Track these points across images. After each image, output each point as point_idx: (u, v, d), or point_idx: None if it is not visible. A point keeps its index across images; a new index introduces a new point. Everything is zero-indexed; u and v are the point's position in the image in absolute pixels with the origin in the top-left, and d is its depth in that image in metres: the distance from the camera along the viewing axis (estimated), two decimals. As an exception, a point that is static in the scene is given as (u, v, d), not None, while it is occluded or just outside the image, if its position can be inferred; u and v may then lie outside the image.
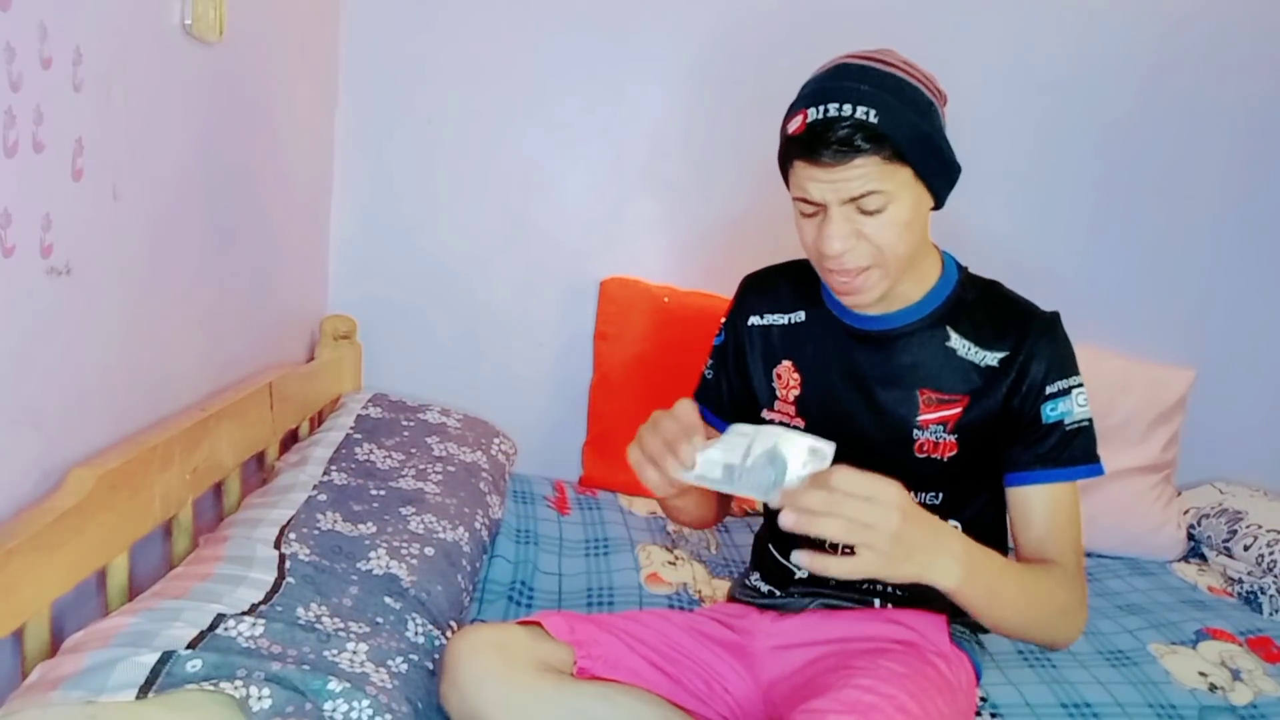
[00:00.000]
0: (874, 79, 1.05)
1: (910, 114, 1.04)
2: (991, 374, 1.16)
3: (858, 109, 1.02)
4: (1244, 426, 2.27)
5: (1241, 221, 2.21)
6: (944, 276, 1.21)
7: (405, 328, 2.13)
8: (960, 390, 1.17)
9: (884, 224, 1.07)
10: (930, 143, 1.07)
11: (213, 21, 1.37)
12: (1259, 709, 1.45)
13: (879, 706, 1.00)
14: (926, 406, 1.18)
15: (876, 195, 1.05)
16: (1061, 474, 1.16)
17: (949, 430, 1.17)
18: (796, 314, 1.27)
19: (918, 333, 1.19)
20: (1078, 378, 1.17)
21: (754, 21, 2.05)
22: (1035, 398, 1.16)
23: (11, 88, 0.96)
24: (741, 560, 1.82)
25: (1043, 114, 2.11)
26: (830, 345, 1.23)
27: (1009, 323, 1.17)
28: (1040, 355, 1.15)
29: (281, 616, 1.09)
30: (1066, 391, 1.16)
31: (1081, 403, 1.16)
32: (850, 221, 1.07)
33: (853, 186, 1.04)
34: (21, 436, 1.05)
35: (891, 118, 1.03)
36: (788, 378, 1.26)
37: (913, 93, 1.06)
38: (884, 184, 1.05)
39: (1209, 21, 2.11)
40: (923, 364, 1.18)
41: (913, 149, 1.05)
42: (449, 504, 1.54)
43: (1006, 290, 1.23)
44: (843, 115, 1.02)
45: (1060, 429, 1.15)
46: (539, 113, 2.07)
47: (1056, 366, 1.16)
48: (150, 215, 1.28)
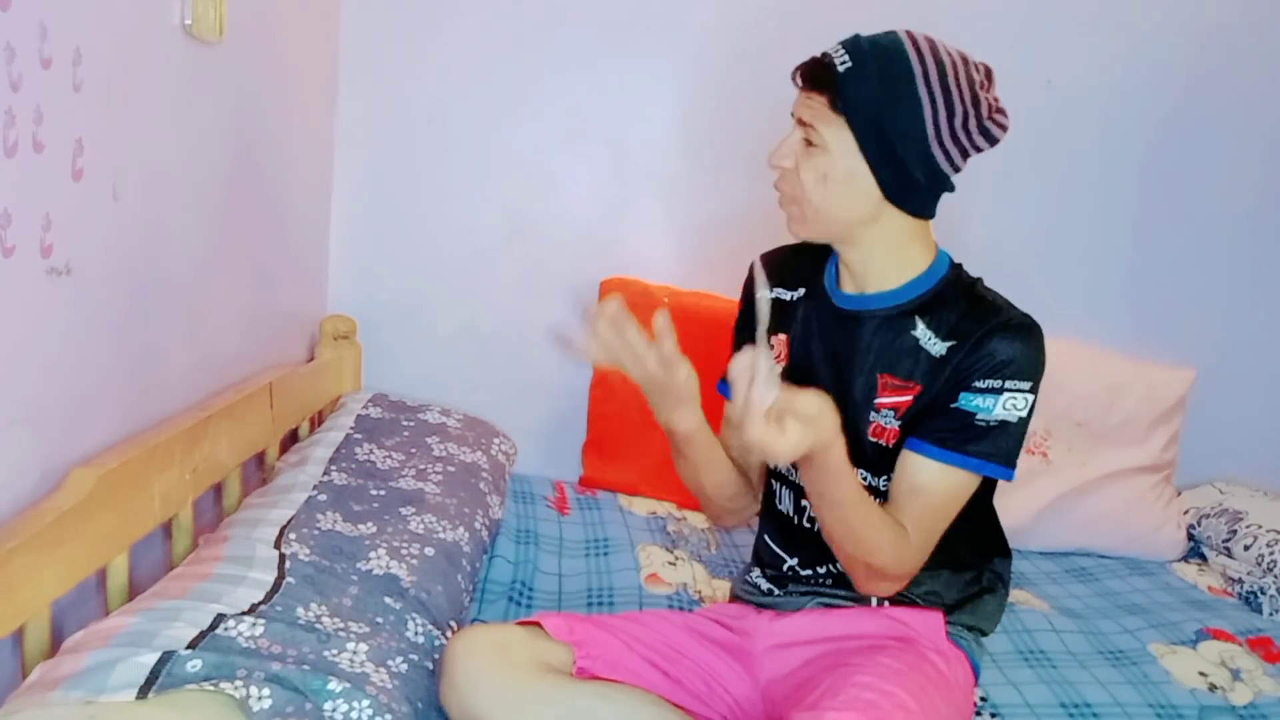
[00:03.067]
0: (883, 47, 1.11)
1: (876, 86, 1.09)
2: (939, 364, 1.15)
3: (841, 54, 1.11)
4: (1244, 426, 2.27)
5: (1242, 222, 2.21)
6: (929, 270, 1.19)
7: (405, 328, 2.13)
8: (913, 379, 1.17)
9: (810, 165, 1.13)
10: (877, 125, 1.09)
11: (213, 21, 1.37)
12: (1259, 709, 1.45)
13: (877, 704, 1.00)
14: (884, 390, 1.18)
15: (814, 131, 1.12)
16: (942, 454, 1.12)
17: (897, 417, 1.18)
18: (798, 291, 1.29)
19: (888, 318, 1.19)
20: (1024, 384, 1.12)
21: (755, 21, 2.05)
22: (960, 384, 1.13)
23: (11, 88, 0.96)
24: (741, 560, 1.82)
25: (1042, 113, 2.11)
26: (816, 322, 1.25)
27: (971, 317, 1.15)
28: (984, 351, 1.12)
29: (281, 616, 1.09)
30: (997, 391, 1.11)
31: (1011, 406, 1.11)
32: (793, 149, 1.14)
33: (805, 112, 1.13)
34: (21, 436, 1.05)
35: (855, 75, 1.09)
36: (780, 350, 1.28)
37: (900, 75, 1.09)
38: (823, 127, 1.11)
39: (1206, 19, 2.11)
40: (885, 348, 1.18)
41: (856, 114, 1.10)
42: (449, 504, 1.54)
43: (986, 289, 1.21)
44: (832, 54, 1.12)
45: (968, 418, 1.12)
46: (539, 112, 2.07)
47: (998, 366, 1.11)
48: (150, 215, 1.28)
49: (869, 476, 1.20)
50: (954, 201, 1.16)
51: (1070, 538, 2.06)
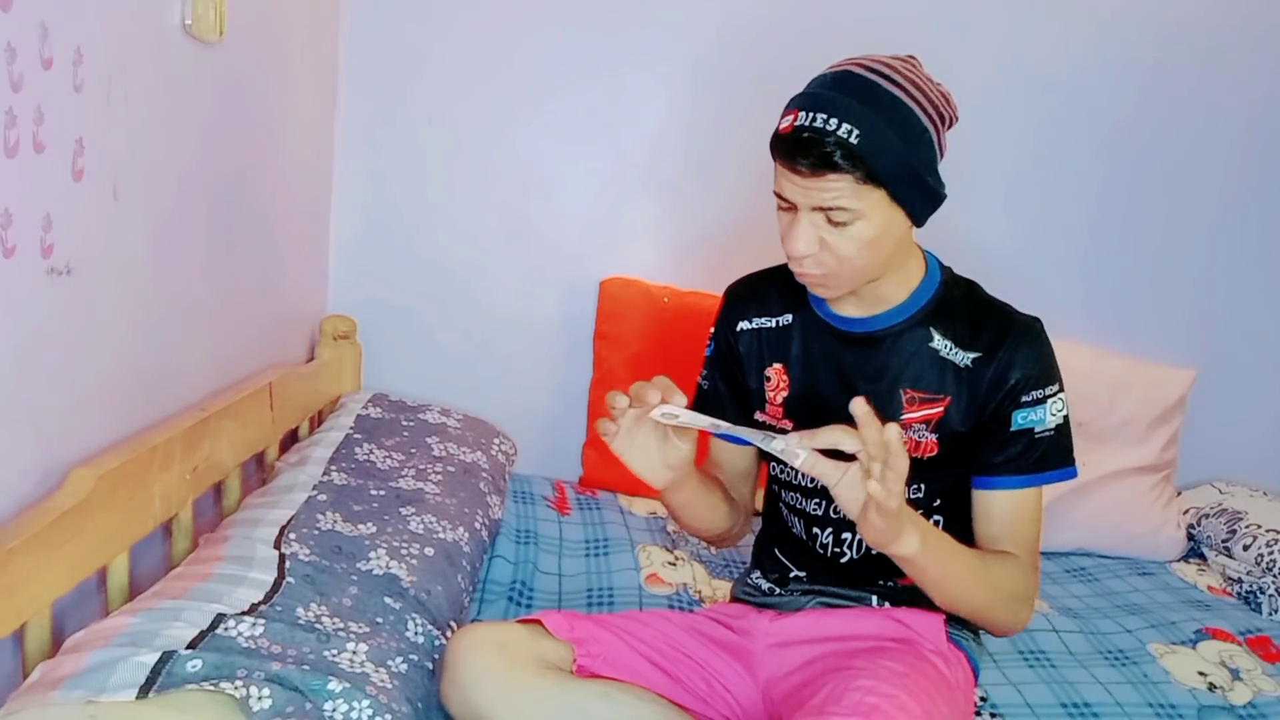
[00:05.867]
0: (871, 96, 1.05)
1: (895, 141, 1.05)
2: (969, 374, 1.18)
3: (842, 126, 1.03)
4: (1244, 426, 2.27)
5: (1242, 222, 2.21)
6: (927, 277, 1.21)
7: (405, 328, 2.13)
8: (941, 390, 1.19)
9: (848, 238, 1.08)
10: (910, 171, 1.07)
11: (213, 21, 1.37)
12: (1258, 708, 1.45)
13: (881, 708, 1.00)
14: (910, 405, 1.19)
15: (845, 211, 1.06)
16: (1024, 480, 1.18)
17: (930, 430, 1.19)
18: (784, 317, 1.28)
19: (902, 333, 1.20)
20: (1055, 385, 1.18)
21: (756, 21, 2.05)
22: (1008, 404, 1.16)
23: (12, 88, 0.96)
24: (742, 560, 1.82)
25: (1044, 115, 2.11)
26: (817, 347, 1.25)
27: (987, 325, 1.19)
28: (1017, 363, 1.16)
29: (281, 616, 1.09)
30: (1042, 400, 1.17)
31: (1056, 410, 1.17)
32: (816, 228, 1.09)
33: (824, 198, 1.06)
34: (21, 436, 1.05)
35: (874, 141, 1.03)
36: (777, 380, 1.27)
37: (906, 116, 1.06)
38: (855, 202, 1.06)
39: (1211, 23, 2.11)
40: (906, 364, 1.19)
41: (889, 174, 1.05)
42: (449, 504, 1.54)
43: (985, 293, 1.24)
44: (827, 129, 1.03)
45: (1028, 436, 1.17)
46: (539, 112, 2.07)
47: (1034, 375, 1.16)
48: (150, 215, 1.28)
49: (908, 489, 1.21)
50: (953, 204, 1.16)
51: (1070, 538, 2.06)
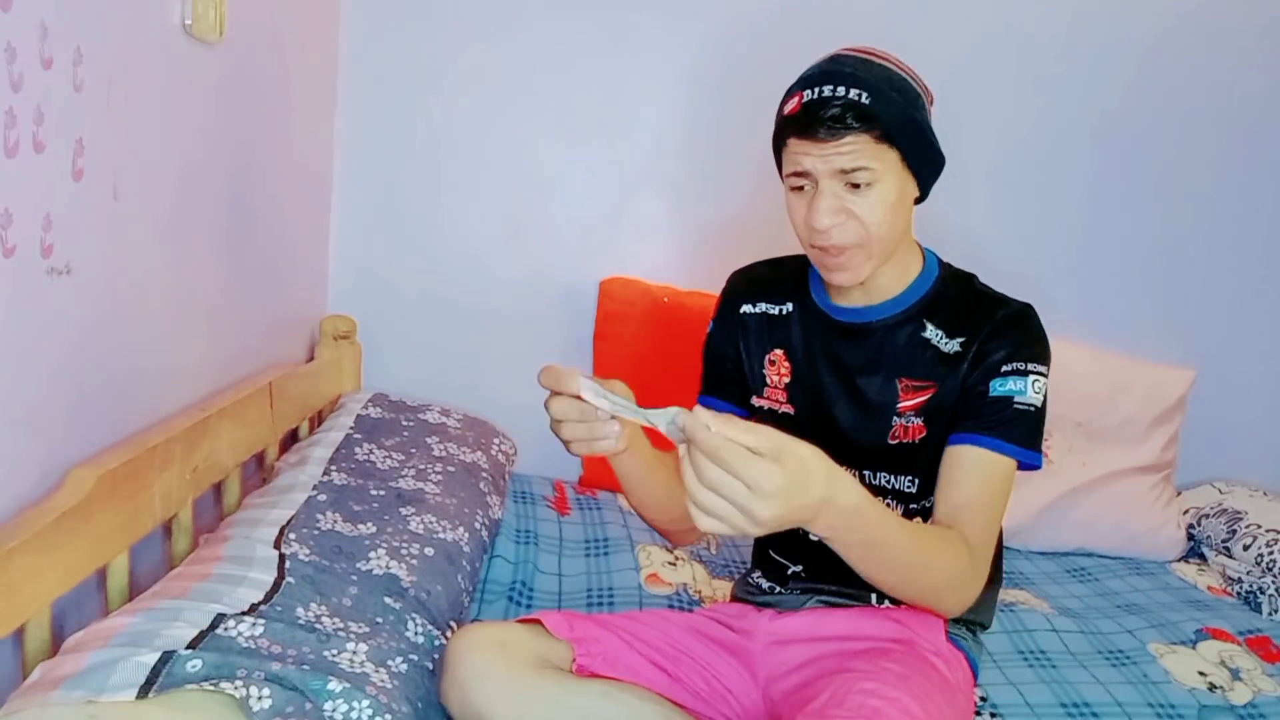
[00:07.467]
0: (867, 67, 1.11)
1: (899, 100, 1.10)
2: (954, 359, 1.19)
3: (851, 90, 1.08)
4: (1244, 426, 2.27)
5: (1240, 221, 2.21)
6: (925, 271, 1.23)
7: (405, 328, 2.13)
8: (930, 377, 1.20)
9: (872, 202, 1.11)
10: (918, 129, 1.12)
11: (213, 21, 1.37)
12: (1258, 708, 1.45)
13: (884, 711, 1.00)
14: (905, 394, 1.21)
15: (865, 171, 1.09)
16: (995, 443, 1.13)
17: (918, 414, 1.20)
18: (785, 305, 1.30)
19: (897, 325, 1.22)
20: (1042, 367, 1.17)
21: (754, 22, 2.05)
22: (989, 373, 1.16)
23: (12, 88, 0.96)
24: (742, 560, 1.82)
25: (1039, 113, 2.11)
26: (816, 337, 1.26)
27: (976, 311, 1.20)
28: (1001, 338, 1.16)
29: (281, 616, 1.09)
30: (1024, 373, 1.15)
31: (1037, 390, 1.15)
32: (839, 198, 1.11)
33: (844, 160, 1.09)
34: (21, 436, 1.05)
35: (882, 101, 1.08)
36: (780, 365, 1.29)
37: (901, 82, 1.12)
38: (873, 162, 1.09)
39: (1206, 19, 2.11)
40: (900, 354, 1.21)
41: (901, 133, 1.10)
42: (449, 504, 1.54)
43: (981, 284, 1.25)
44: (836, 95, 1.08)
45: (1007, 403, 1.14)
46: (539, 112, 2.07)
47: (1018, 351, 1.16)
48: (150, 215, 1.28)
49: (891, 478, 1.22)
50: (949, 203, 1.17)
51: (1070, 537, 2.07)
